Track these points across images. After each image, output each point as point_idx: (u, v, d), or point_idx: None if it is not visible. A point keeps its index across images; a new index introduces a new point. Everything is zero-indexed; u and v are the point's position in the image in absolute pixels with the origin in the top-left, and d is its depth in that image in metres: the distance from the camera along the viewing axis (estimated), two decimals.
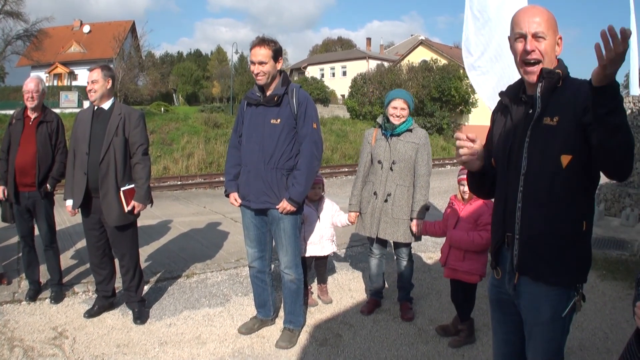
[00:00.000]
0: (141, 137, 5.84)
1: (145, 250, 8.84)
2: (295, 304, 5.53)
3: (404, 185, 5.82)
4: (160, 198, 15.29)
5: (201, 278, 7.54)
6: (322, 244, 6.42)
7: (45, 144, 6.29)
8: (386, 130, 5.86)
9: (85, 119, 5.85)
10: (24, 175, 6.20)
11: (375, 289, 6.36)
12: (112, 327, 5.86)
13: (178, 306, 6.49)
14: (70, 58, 57.60)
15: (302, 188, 5.14)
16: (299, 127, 5.19)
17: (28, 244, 6.53)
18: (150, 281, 7.29)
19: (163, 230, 10.65)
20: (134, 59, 43.94)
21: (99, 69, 5.79)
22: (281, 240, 5.34)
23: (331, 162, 29.82)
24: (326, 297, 6.66)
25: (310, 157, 5.18)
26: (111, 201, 5.69)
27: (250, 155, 5.25)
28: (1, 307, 6.35)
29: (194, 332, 5.77)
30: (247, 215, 5.46)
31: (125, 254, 6.01)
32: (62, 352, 5.27)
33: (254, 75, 5.14)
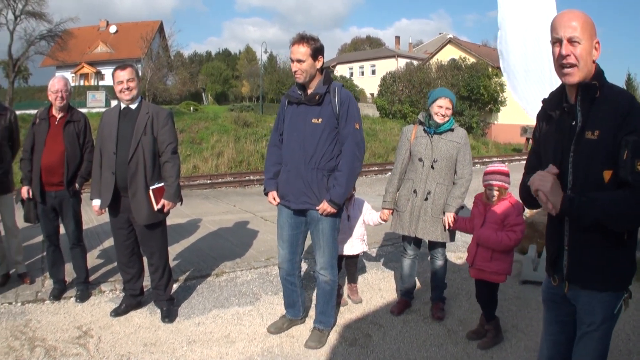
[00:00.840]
0: (170, 135, 5.79)
1: (174, 248, 8.80)
2: (327, 305, 5.44)
3: (443, 184, 5.72)
4: (190, 197, 15.22)
5: (231, 277, 7.45)
6: (351, 243, 6.30)
7: (73, 143, 6.27)
8: (430, 128, 5.74)
9: (111, 118, 5.81)
10: (51, 174, 6.17)
11: (406, 289, 6.23)
12: (139, 325, 5.80)
13: (207, 305, 6.41)
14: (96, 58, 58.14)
15: (343, 190, 5.03)
16: (340, 127, 5.08)
17: (53, 243, 6.49)
18: (179, 280, 7.23)
19: (192, 228, 10.55)
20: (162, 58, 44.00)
21: (130, 67, 5.74)
22: (319, 242, 5.25)
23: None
24: (356, 297, 6.54)
25: (352, 158, 5.07)
26: (140, 200, 5.65)
27: (291, 154, 5.16)
28: (23, 306, 6.33)
29: (222, 331, 5.69)
30: (284, 215, 5.36)
31: (155, 252, 5.95)
32: (86, 351, 5.22)
33: (294, 72, 5.04)
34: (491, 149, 39.71)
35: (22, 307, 6.31)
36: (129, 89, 5.65)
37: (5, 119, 6.72)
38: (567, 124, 2.94)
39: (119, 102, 5.83)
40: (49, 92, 6.23)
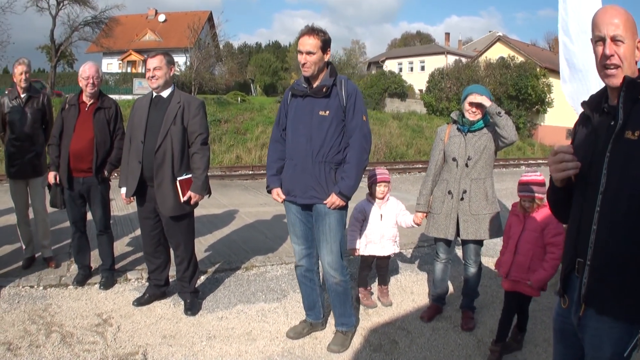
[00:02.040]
0: (200, 126, 5.68)
1: (207, 239, 8.75)
2: (344, 306, 5.22)
3: (479, 178, 5.47)
4: (230, 187, 15.22)
5: (260, 271, 7.34)
6: (382, 244, 6.12)
7: (104, 130, 6.23)
8: (463, 126, 5.50)
9: (142, 106, 5.74)
10: (80, 160, 6.13)
11: (438, 294, 6.01)
12: (161, 316, 5.73)
13: (232, 299, 6.31)
14: (144, 46, 58.29)
15: (352, 182, 4.84)
16: (347, 120, 4.89)
17: (79, 229, 6.48)
18: (208, 272, 7.15)
19: (228, 219, 10.46)
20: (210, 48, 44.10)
21: (160, 55, 5.66)
22: (325, 237, 5.01)
23: (405, 158, 29.32)
24: (386, 300, 6.33)
25: (360, 150, 4.88)
26: (166, 191, 5.56)
27: (297, 148, 4.96)
28: (45, 290, 6.31)
29: (245, 327, 5.57)
30: (292, 211, 5.17)
31: (180, 244, 5.86)
32: (103, 339, 5.15)
33: (301, 65, 4.85)
34: (537, 150, 39.01)
35: (43, 291, 6.29)
36: (155, 77, 5.57)
37: (39, 102, 6.77)
38: (605, 125, 2.68)
39: (152, 90, 5.74)
40: (79, 78, 6.21)
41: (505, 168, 24.56)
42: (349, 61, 66.81)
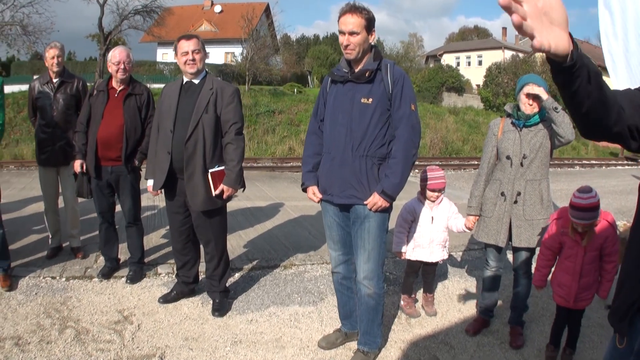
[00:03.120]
0: (235, 114, 5.33)
1: (247, 233, 8.48)
2: (372, 323, 4.71)
3: (534, 179, 4.95)
4: (279, 179, 14.98)
5: (299, 270, 6.97)
6: (431, 249, 5.67)
7: (134, 117, 6.01)
8: (518, 120, 4.97)
9: (172, 93, 5.42)
10: (108, 148, 5.93)
11: (486, 306, 5.52)
12: (186, 316, 5.46)
13: (265, 300, 5.97)
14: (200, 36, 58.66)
15: (397, 179, 4.31)
16: (394, 109, 4.36)
17: (107, 220, 6.32)
18: (244, 269, 6.86)
19: (272, 213, 10.14)
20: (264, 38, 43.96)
21: (196, 38, 5.35)
22: (363, 244, 4.51)
23: (461, 154, 28.82)
24: (430, 309, 5.88)
25: (407, 144, 4.34)
26: (197, 184, 5.25)
27: (336, 139, 4.47)
28: (67, 282, 6.14)
29: (275, 332, 5.22)
30: (329, 213, 4.71)
31: (211, 240, 5.57)
32: (120, 338, 4.91)
33: (343, 47, 4.36)
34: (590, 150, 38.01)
35: (65, 282, 6.12)
36: (194, 60, 5.24)
37: (72, 87, 6.61)
38: None
39: (182, 76, 5.44)
40: (109, 63, 5.99)
41: (560, 168, 23.73)
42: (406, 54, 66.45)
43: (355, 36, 4.22)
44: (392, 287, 6.39)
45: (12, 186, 12.22)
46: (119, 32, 39.77)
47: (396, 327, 5.44)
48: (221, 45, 56.15)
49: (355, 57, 4.31)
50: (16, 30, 32.40)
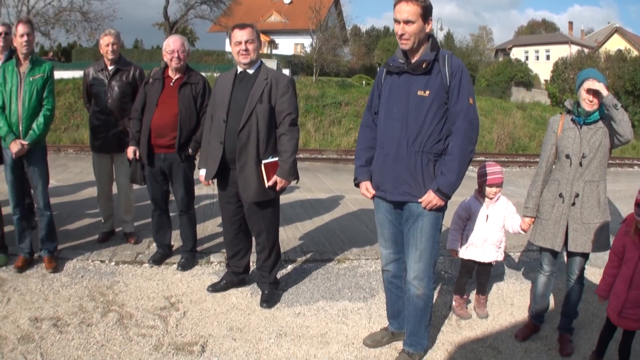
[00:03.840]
0: (290, 105, 5.27)
1: (304, 225, 8.43)
2: (419, 325, 4.58)
3: (593, 180, 4.74)
4: (341, 171, 14.90)
5: (352, 265, 6.87)
6: (484, 249, 5.49)
7: (189, 106, 6.01)
8: (579, 117, 4.75)
9: (226, 83, 5.40)
10: (161, 136, 5.95)
11: (537, 311, 5.33)
12: (233, 306, 5.45)
13: (315, 294, 5.91)
14: (270, 27, 59.22)
15: (454, 177, 4.14)
16: (451, 102, 4.17)
17: (159, 207, 6.36)
18: (297, 261, 6.81)
19: (331, 206, 10.07)
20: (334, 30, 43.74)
21: (250, 27, 5.29)
22: (415, 243, 4.37)
23: (528, 150, 28.14)
24: (482, 311, 5.71)
25: (465, 140, 4.15)
26: (249, 174, 5.21)
27: (390, 134, 4.33)
28: (116, 266, 6.22)
29: (321, 327, 5.15)
30: (382, 210, 4.59)
31: (262, 231, 5.53)
32: (163, 325, 4.94)
33: (398, 37, 4.20)
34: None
35: (114, 267, 6.20)
36: (247, 50, 5.20)
37: (129, 75, 6.67)
38: None
39: (236, 66, 5.41)
40: (164, 52, 6.02)
41: (620, 167, 22.95)
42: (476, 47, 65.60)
43: (411, 25, 4.06)
44: (446, 287, 6.26)
45: (68, 170, 12.56)
46: (185, 21, 40.06)
47: (445, 328, 5.31)
48: (290, 36, 56.49)
49: (410, 47, 4.15)
50: (75, 16, 32.78)
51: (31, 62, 5.80)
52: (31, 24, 5.82)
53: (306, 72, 39.19)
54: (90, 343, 4.61)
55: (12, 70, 5.77)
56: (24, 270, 6.00)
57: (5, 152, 5.88)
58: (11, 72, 5.76)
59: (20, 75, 5.75)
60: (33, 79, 5.76)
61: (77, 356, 4.43)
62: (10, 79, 5.75)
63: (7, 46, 6.58)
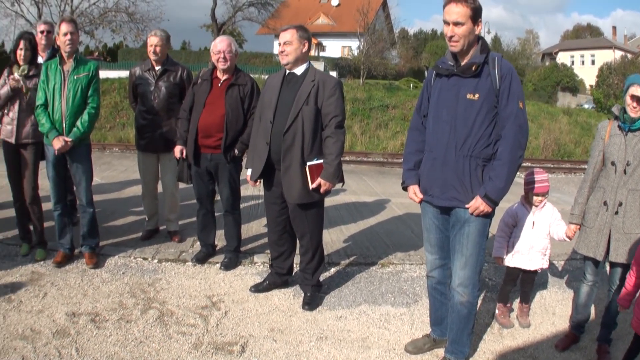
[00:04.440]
0: (336, 107, 5.23)
1: (349, 228, 8.37)
2: (462, 332, 4.50)
3: (636, 189, 4.62)
4: (388, 175, 14.79)
5: (397, 269, 6.80)
6: (529, 256, 5.39)
7: (236, 107, 6.02)
8: (624, 123, 4.64)
9: (274, 84, 5.41)
10: (208, 137, 6.00)
11: (578, 321, 5.22)
12: (275, 307, 5.45)
13: (358, 297, 5.87)
14: (317, 29, 59.35)
15: (502, 183, 4.06)
16: (501, 106, 4.09)
17: (205, 206, 6.42)
18: (341, 264, 6.77)
19: (377, 209, 9.98)
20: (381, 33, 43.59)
21: (293, 29, 5.28)
22: (461, 249, 4.30)
23: (573, 157, 27.54)
24: (524, 320, 5.61)
25: (514, 145, 4.06)
26: (294, 176, 5.21)
27: (439, 137, 4.26)
28: (159, 264, 6.28)
29: (363, 331, 5.11)
30: (428, 214, 4.52)
31: (306, 233, 5.53)
32: (204, 323, 4.96)
33: (448, 39, 4.13)
34: None
35: (157, 264, 6.26)
36: (284, 52, 5.22)
37: (176, 76, 6.73)
38: None
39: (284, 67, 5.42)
40: (211, 52, 6.06)
41: None
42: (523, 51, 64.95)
43: (460, 27, 3.99)
44: (490, 294, 6.17)
45: (113, 168, 12.72)
46: (232, 23, 40.22)
47: (488, 336, 5.24)
48: (338, 39, 56.58)
49: (460, 49, 4.08)
50: (122, 17, 32.97)
51: (75, 60, 5.87)
52: (75, 23, 5.90)
53: (353, 75, 39.19)
54: (129, 339, 4.65)
55: (55, 68, 5.86)
56: (63, 266, 6.09)
57: (48, 148, 5.97)
58: (54, 70, 5.85)
59: (64, 74, 5.83)
60: (77, 77, 5.85)
61: (113, 352, 4.46)
62: (53, 77, 5.84)
63: (49, 45, 6.69)
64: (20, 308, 5.11)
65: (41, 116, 5.83)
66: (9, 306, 5.13)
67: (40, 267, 6.05)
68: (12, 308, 5.10)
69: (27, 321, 4.87)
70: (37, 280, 5.70)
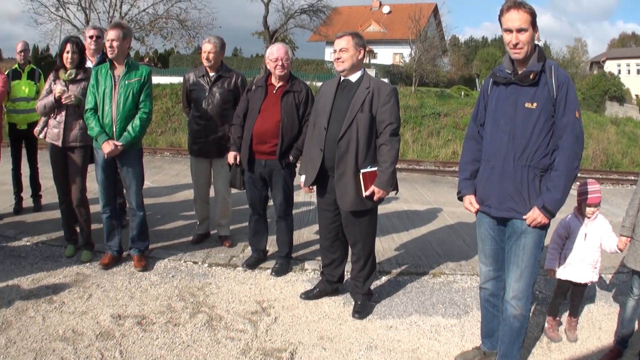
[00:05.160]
0: (391, 115, 5.18)
1: (400, 236, 8.29)
2: (512, 346, 4.41)
3: None
4: (440, 183, 14.61)
5: (448, 280, 6.72)
6: (580, 269, 5.28)
7: (292, 114, 6.04)
8: None
9: (328, 91, 5.41)
10: (263, 143, 6.02)
11: (623, 336, 5.10)
12: (325, 314, 5.43)
13: (409, 307, 5.80)
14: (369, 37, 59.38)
15: (559, 194, 3.99)
16: (557, 116, 4.01)
17: (257, 212, 6.43)
18: (392, 272, 6.71)
19: (429, 218, 9.85)
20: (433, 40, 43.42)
21: (349, 36, 5.24)
22: (517, 261, 4.22)
23: (620, 168, 26.98)
24: (572, 334, 5.49)
25: (571, 156, 4.00)
26: (347, 183, 5.18)
27: (497, 147, 4.20)
28: (209, 268, 6.30)
29: (413, 342, 5.04)
30: (484, 225, 4.46)
31: (358, 241, 5.49)
32: (253, 329, 4.96)
33: (511, 46, 4.05)
34: None
35: (207, 268, 6.29)
36: (340, 59, 5.20)
37: (230, 82, 6.77)
38: None
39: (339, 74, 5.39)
40: (267, 60, 6.07)
41: None
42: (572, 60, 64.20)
43: (524, 33, 3.95)
44: (540, 307, 6.05)
45: (164, 172, 12.86)
46: (284, 30, 40.51)
47: (536, 350, 5.14)
48: (389, 46, 56.64)
49: (524, 56, 4.02)
50: (173, 24, 33.12)
51: (127, 66, 5.95)
52: (121, 29, 5.92)
53: (405, 82, 39.12)
54: (176, 343, 4.67)
55: (105, 73, 5.94)
56: (110, 268, 6.18)
57: (97, 152, 6.06)
58: (104, 75, 5.94)
59: (114, 78, 5.92)
60: (129, 82, 5.92)
61: (159, 355, 4.48)
62: (103, 82, 5.92)
63: (98, 50, 6.79)
64: (62, 309, 5.17)
65: (90, 120, 5.92)
66: (50, 307, 5.20)
67: (86, 268, 6.14)
68: (53, 309, 5.16)
69: (69, 322, 4.92)
70: (82, 282, 5.78)
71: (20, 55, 8.12)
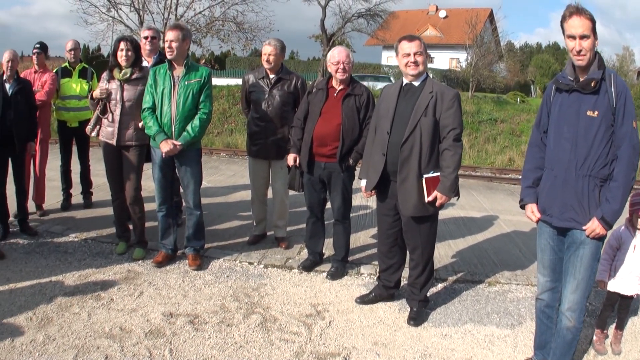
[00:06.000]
0: (454, 120, 5.13)
1: (457, 244, 8.23)
2: (563, 358, 4.35)
3: None
4: (496, 190, 14.39)
5: (503, 289, 6.60)
6: (627, 280, 5.15)
7: (352, 117, 6.03)
8: None
9: (391, 94, 5.37)
10: (323, 145, 6.03)
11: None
12: (380, 320, 5.38)
13: (463, 316, 5.73)
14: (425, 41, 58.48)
15: (617, 206, 3.92)
16: (616, 125, 3.96)
17: (315, 214, 6.42)
18: (448, 280, 6.65)
19: (485, 225, 9.72)
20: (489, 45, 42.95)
21: (419, 40, 5.26)
22: (574, 272, 4.14)
23: None
24: (617, 347, 5.36)
25: (629, 166, 3.94)
26: (410, 188, 5.14)
27: (560, 155, 4.13)
28: (265, 269, 6.32)
29: (467, 351, 4.97)
30: (545, 235, 4.37)
31: (418, 247, 5.44)
32: (307, 332, 4.94)
33: (575, 53, 3.99)
34: None
35: (263, 269, 6.31)
36: (416, 63, 5.15)
37: (290, 85, 6.78)
38: None
39: (402, 78, 5.36)
40: (328, 63, 6.11)
41: None
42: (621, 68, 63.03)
43: (586, 40, 3.90)
44: (588, 319, 5.87)
45: (220, 172, 12.93)
46: (342, 34, 40.59)
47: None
48: (446, 51, 56.50)
49: (586, 62, 3.96)
50: (230, 26, 33.16)
51: (186, 66, 6.02)
52: (179, 31, 5.97)
53: (462, 87, 38.83)
54: (228, 343, 4.68)
55: (164, 73, 6.02)
56: (164, 266, 6.25)
57: (155, 151, 6.14)
58: (163, 75, 6.02)
59: (173, 79, 5.99)
60: (188, 82, 5.99)
61: (210, 355, 4.50)
62: (162, 82, 6.00)
63: (154, 50, 6.87)
64: (110, 306, 5.24)
65: (148, 119, 6.01)
66: (97, 304, 5.27)
67: (138, 266, 6.23)
68: (100, 306, 5.23)
69: (117, 320, 4.97)
70: (133, 279, 5.85)
71: (70, 54, 8.29)
